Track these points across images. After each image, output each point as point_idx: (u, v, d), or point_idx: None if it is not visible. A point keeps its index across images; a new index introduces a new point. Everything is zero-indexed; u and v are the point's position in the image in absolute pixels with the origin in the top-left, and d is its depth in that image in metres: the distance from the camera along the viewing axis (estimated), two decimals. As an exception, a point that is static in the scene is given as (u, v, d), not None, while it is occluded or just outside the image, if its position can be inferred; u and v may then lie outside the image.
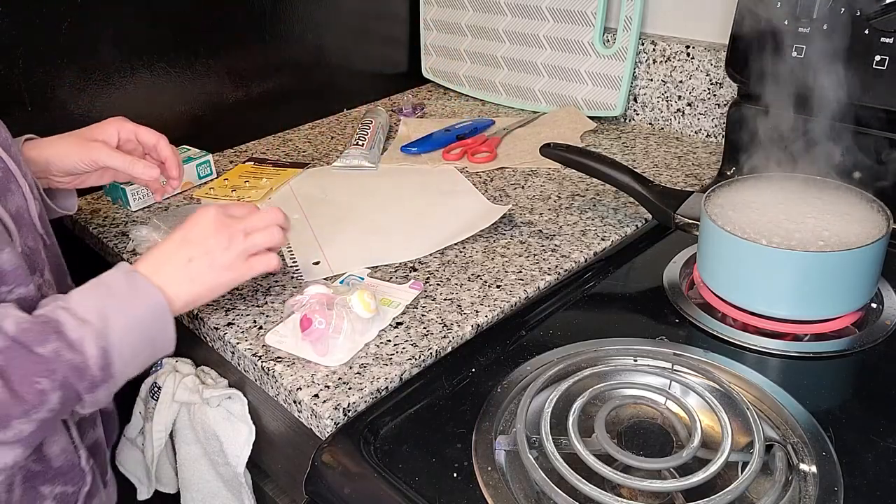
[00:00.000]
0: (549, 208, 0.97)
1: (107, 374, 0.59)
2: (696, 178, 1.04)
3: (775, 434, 0.58)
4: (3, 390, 0.54)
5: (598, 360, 0.65)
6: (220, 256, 0.68)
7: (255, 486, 0.86)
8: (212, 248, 0.68)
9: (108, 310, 0.60)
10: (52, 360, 0.56)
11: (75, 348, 0.58)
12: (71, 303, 0.60)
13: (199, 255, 0.67)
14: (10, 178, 0.66)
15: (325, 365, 0.68)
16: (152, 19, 1.06)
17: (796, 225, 0.69)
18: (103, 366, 0.59)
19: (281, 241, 0.72)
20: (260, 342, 0.72)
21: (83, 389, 0.58)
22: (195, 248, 0.68)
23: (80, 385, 0.58)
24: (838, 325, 0.71)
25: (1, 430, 0.55)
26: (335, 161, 1.11)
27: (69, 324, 0.58)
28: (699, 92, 1.14)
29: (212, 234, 0.68)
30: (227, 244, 0.69)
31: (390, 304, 0.76)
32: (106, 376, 0.59)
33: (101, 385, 0.59)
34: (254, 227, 0.71)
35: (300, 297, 0.73)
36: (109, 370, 0.60)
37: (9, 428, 0.55)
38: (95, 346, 0.58)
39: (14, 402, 0.55)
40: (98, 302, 0.60)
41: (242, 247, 0.69)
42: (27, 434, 0.56)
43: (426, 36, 1.43)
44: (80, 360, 0.58)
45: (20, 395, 0.55)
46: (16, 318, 0.57)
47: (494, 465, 0.56)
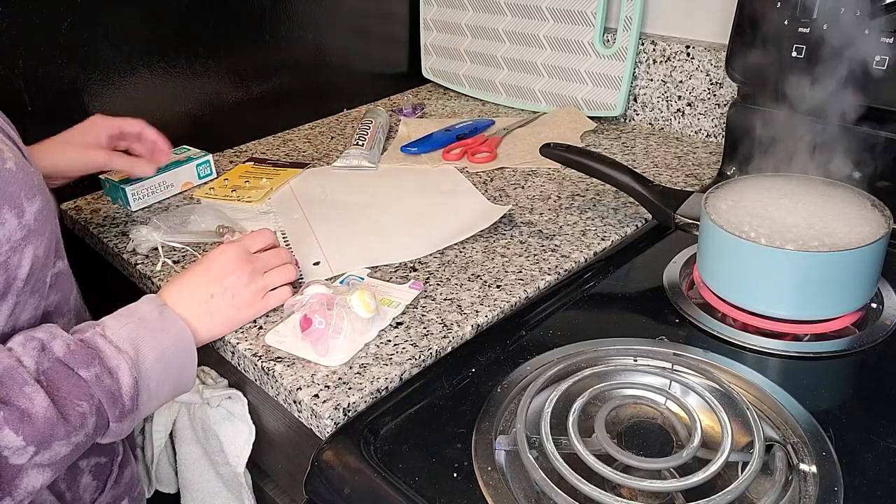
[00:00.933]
0: (549, 208, 0.97)
1: (134, 405, 0.61)
2: (696, 178, 1.04)
3: (775, 434, 0.58)
4: (52, 410, 0.55)
5: (598, 360, 0.65)
6: (239, 294, 0.72)
7: (255, 486, 0.86)
8: (232, 285, 0.71)
9: (140, 341, 0.62)
10: (92, 385, 0.57)
11: (113, 376, 0.59)
12: (108, 331, 0.61)
13: (220, 293, 0.70)
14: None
15: (325, 365, 0.68)
16: (152, 19, 1.06)
17: (797, 224, 0.69)
18: (133, 395, 0.60)
19: (294, 278, 0.77)
20: (260, 342, 0.72)
21: (113, 418, 0.60)
22: (216, 285, 0.70)
23: (112, 413, 0.59)
24: (838, 325, 0.71)
25: (42, 452, 0.55)
26: (335, 161, 1.11)
27: (107, 351, 0.60)
28: (699, 92, 1.14)
29: (232, 272, 0.71)
30: (248, 282, 0.72)
31: (390, 304, 0.76)
32: (133, 406, 0.61)
33: (128, 415, 0.61)
34: (270, 265, 0.75)
35: (300, 297, 0.73)
36: (137, 400, 0.61)
37: (49, 449, 0.55)
38: (129, 376, 0.60)
39: (60, 421, 0.55)
40: (132, 332, 0.62)
41: (262, 283, 0.73)
42: (61, 458, 0.57)
43: (426, 36, 1.43)
44: (116, 387, 0.59)
45: (66, 415, 0.56)
46: (64, 339, 0.58)
47: (494, 465, 0.56)
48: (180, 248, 0.88)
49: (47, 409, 0.54)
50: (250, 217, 0.96)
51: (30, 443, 0.54)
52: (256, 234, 0.78)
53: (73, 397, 0.56)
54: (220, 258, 0.72)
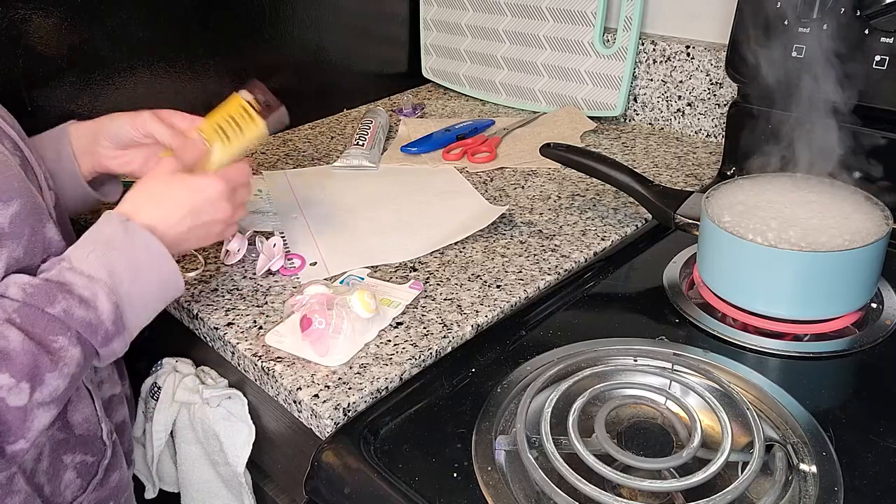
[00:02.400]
0: (549, 208, 0.97)
1: (119, 327, 0.61)
2: (696, 178, 1.04)
3: (775, 434, 0.58)
4: (30, 343, 0.55)
5: (598, 360, 0.65)
6: (214, 229, 0.71)
7: (255, 486, 0.86)
8: (210, 223, 0.70)
9: (112, 263, 0.61)
10: (63, 319, 0.58)
11: (89, 305, 0.59)
12: (75, 262, 0.60)
13: (198, 227, 0.69)
14: (28, 167, 0.67)
15: (325, 365, 0.68)
16: (152, 19, 1.06)
17: (797, 224, 0.69)
18: (115, 319, 0.61)
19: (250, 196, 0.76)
20: (260, 342, 0.72)
21: (98, 343, 0.60)
22: (196, 218, 0.68)
23: (95, 340, 0.59)
24: (838, 325, 0.71)
25: (39, 389, 0.56)
26: (335, 161, 1.11)
27: (79, 282, 0.59)
28: (699, 92, 1.14)
29: (215, 211, 0.70)
30: (225, 220, 0.71)
31: (390, 304, 0.76)
32: (119, 329, 0.61)
33: (115, 337, 0.61)
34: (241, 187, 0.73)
35: (300, 297, 0.73)
36: (122, 322, 0.61)
37: (45, 384, 0.56)
38: (108, 302, 0.60)
39: (42, 353, 0.56)
40: (101, 257, 0.61)
41: (235, 218, 0.73)
42: (62, 392, 0.58)
43: (426, 36, 1.43)
44: (93, 316, 0.59)
45: (47, 349, 0.56)
46: (20, 283, 0.58)
47: (494, 465, 0.56)
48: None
49: (23, 342, 0.55)
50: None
51: (20, 378, 0.54)
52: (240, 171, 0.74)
53: (48, 333, 0.57)
54: (207, 193, 0.69)
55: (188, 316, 0.79)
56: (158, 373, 0.87)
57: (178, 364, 0.87)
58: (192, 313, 0.78)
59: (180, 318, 0.82)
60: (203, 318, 0.77)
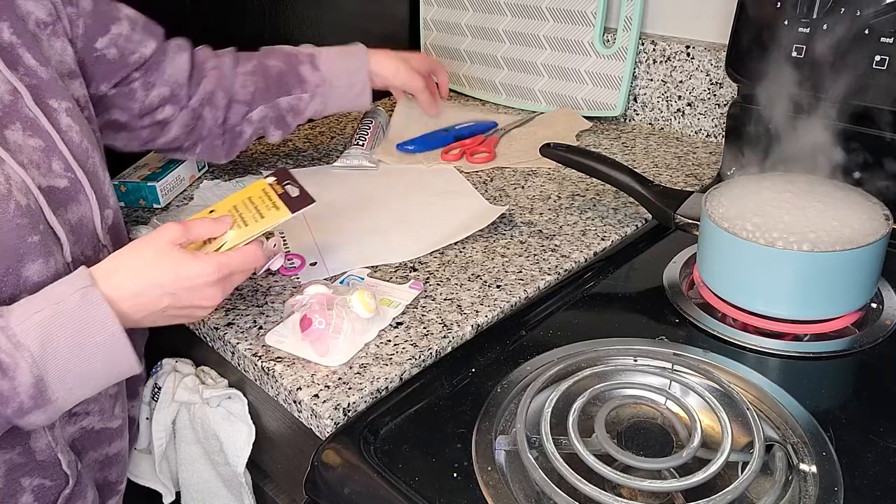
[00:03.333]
0: (549, 208, 0.97)
1: (40, 402, 0.57)
2: (696, 178, 1.04)
3: (775, 434, 0.58)
4: None
5: (598, 360, 0.65)
6: (196, 316, 0.67)
7: (255, 486, 0.86)
8: (196, 308, 0.65)
9: (53, 334, 0.56)
10: None
11: (6, 373, 0.55)
12: (12, 321, 0.56)
13: (179, 308, 0.64)
14: (80, 189, 0.68)
15: (325, 365, 0.68)
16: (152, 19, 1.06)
17: (796, 225, 0.69)
18: (35, 395, 0.56)
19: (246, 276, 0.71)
20: (260, 342, 0.72)
21: (11, 415, 0.56)
22: (180, 301, 0.63)
23: (4, 410, 0.55)
24: (838, 325, 0.71)
25: None
26: (335, 161, 1.11)
27: (3, 346, 0.55)
28: (699, 92, 1.14)
29: (204, 300, 0.65)
30: (215, 303, 0.66)
31: (390, 304, 0.76)
32: (39, 403, 0.57)
33: (31, 411, 0.57)
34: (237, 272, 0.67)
35: (300, 297, 0.73)
36: (44, 396, 0.57)
37: None
38: (29, 375, 0.55)
39: None
40: (42, 322, 0.56)
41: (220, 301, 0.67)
42: None
43: (426, 36, 1.43)
44: (7, 385, 0.55)
45: None
46: None
47: (494, 465, 0.56)
48: None
49: None
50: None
51: None
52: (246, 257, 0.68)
53: None
54: (196, 281, 0.63)
55: (188, 316, 0.79)
56: (158, 373, 0.87)
57: (178, 364, 0.87)
58: (192, 313, 0.78)
59: (180, 318, 0.82)
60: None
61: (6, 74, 0.65)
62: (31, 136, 0.65)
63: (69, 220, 0.67)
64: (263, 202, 0.73)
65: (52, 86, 0.69)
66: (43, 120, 0.66)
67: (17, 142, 0.64)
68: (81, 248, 0.68)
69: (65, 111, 0.69)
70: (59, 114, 0.68)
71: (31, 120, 0.65)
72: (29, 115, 0.65)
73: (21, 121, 0.65)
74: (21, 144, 0.64)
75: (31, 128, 0.65)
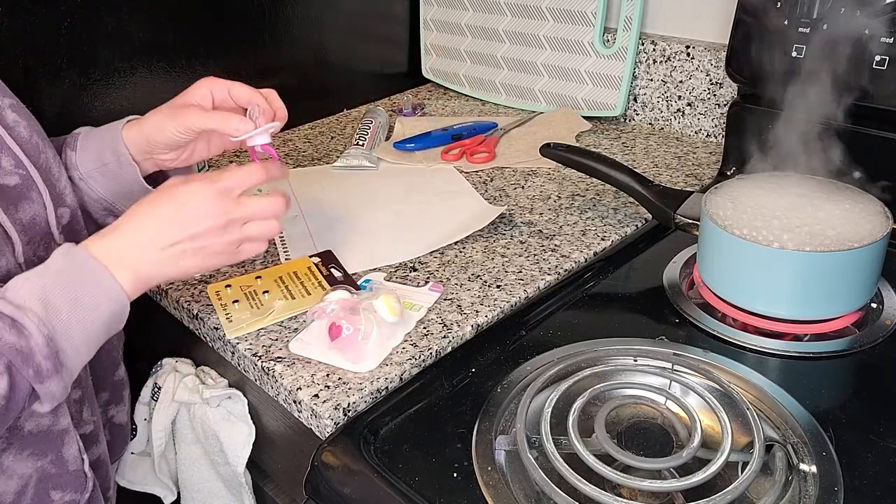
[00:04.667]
0: (549, 208, 0.97)
1: (57, 364, 0.55)
2: (696, 178, 1.04)
3: (775, 434, 0.58)
4: None
5: (598, 360, 0.65)
6: (210, 244, 0.62)
7: (255, 486, 0.86)
8: (203, 234, 0.61)
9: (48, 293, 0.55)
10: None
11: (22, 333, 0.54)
12: (8, 292, 0.55)
13: (187, 240, 0.61)
14: (31, 186, 0.64)
15: (355, 371, 0.68)
16: (152, 19, 1.06)
17: (796, 225, 0.69)
18: (50, 355, 0.55)
19: (276, 232, 0.66)
20: (260, 342, 0.72)
21: (33, 376, 0.54)
22: (183, 231, 0.61)
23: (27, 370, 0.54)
24: (838, 325, 0.71)
25: None
26: (335, 161, 1.11)
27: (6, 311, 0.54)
28: (699, 92, 1.14)
29: (206, 218, 0.61)
30: (222, 232, 0.62)
31: (412, 308, 0.76)
32: (57, 366, 0.55)
33: (51, 376, 0.55)
34: (252, 216, 0.64)
35: (321, 303, 0.71)
36: (58, 358, 0.55)
37: None
38: (40, 335, 0.54)
39: None
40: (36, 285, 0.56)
41: (238, 235, 0.63)
42: None
43: (426, 36, 1.43)
44: (25, 344, 0.54)
45: None
46: None
47: (494, 465, 0.56)
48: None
49: None
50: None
51: None
52: (244, 171, 0.64)
53: None
54: (194, 199, 0.61)
55: (188, 316, 0.79)
56: (158, 373, 0.87)
57: (178, 364, 0.87)
58: (192, 313, 0.78)
59: (180, 318, 0.82)
60: (203, 318, 0.77)
61: None
62: None
63: (20, 218, 0.63)
64: (309, 279, 0.80)
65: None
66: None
67: None
68: (34, 249, 0.64)
69: (9, 107, 0.65)
70: (4, 110, 0.64)
71: None
72: None
73: None
74: None
75: None
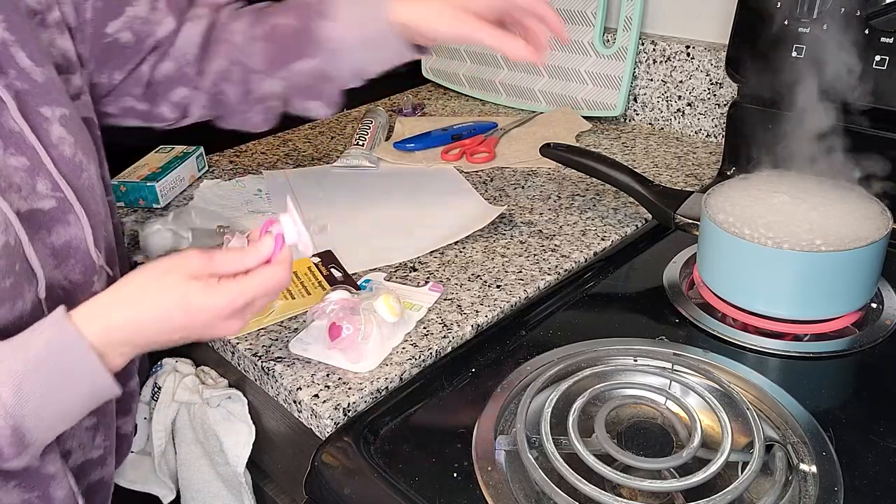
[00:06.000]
0: (549, 208, 0.97)
1: (20, 448, 0.53)
2: (696, 178, 1.04)
3: (775, 434, 0.58)
4: None
5: (598, 360, 0.65)
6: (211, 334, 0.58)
7: (255, 486, 0.86)
8: (205, 331, 0.58)
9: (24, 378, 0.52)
10: None
11: None
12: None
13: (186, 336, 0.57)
14: (68, 209, 0.61)
15: (355, 371, 0.68)
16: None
17: (797, 224, 0.69)
18: (14, 442, 0.52)
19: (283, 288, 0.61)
20: (260, 342, 0.72)
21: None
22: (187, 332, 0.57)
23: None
24: (838, 325, 0.71)
25: None
26: (335, 161, 1.11)
27: None
28: (699, 92, 1.14)
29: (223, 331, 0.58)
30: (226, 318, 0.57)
31: (412, 308, 0.76)
32: (19, 450, 0.53)
33: (13, 458, 0.53)
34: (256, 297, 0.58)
35: (321, 303, 0.71)
36: (23, 443, 0.53)
37: None
38: (5, 425, 0.51)
39: None
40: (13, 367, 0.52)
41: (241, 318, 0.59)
42: None
43: (426, 36, 1.43)
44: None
45: None
46: None
47: (494, 465, 0.56)
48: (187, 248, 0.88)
49: None
50: (244, 216, 0.96)
51: None
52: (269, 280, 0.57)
53: None
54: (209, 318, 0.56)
55: (188, 316, 0.79)
56: (158, 373, 0.87)
57: (178, 364, 0.87)
58: (192, 313, 0.78)
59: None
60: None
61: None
62: (13, 155, 0.58)
63: (52, 243, 0.60)
64: (309, 279, 0.80)
65: (47, 90, 0.62)
66: (29, 134, 0.59)
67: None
68: (66, 273, 0.62)
69: (58, 120, 0.62)
70: (52, 124, 0.61)
71: (15, 135, 0.58)
72: (13, 129, 0.58)
73: (3, 137, 0.58)
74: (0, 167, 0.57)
75: (15, 144, 0.58)
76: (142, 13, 0.72)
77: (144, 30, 0.73)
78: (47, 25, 0.65)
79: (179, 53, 0.76)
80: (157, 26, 0.74)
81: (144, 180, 0.98)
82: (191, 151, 1.07)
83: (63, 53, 0.67)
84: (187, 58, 0.77)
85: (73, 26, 0.68)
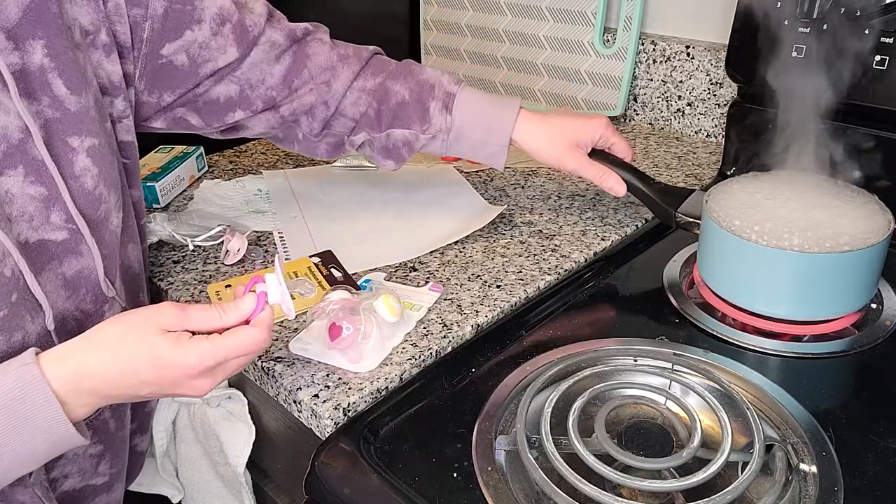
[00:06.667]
0: (549, 208, 0.97)
1: None
2: (696, 178, 1.04)
3: (775, 434, 0.58)
4: None
5: (598, 360, 0.65)
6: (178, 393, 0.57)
7: (255, 486, 0.86)
8: (182, 394, 0.57)
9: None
10: None
11: None
12: None
13: (156, 392, 0.56)
14: (80, 240, 0.61)
15: (355, 371, 0.68)
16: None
17: (797, 225, 0.69)
18: None
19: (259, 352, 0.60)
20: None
21: None
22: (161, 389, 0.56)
23: None
24: (838, 325, 0.71)
25: None
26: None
27: None
28: (699, 92, 1.14)
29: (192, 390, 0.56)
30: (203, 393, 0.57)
31: (412, 308, 0.76)
32: None
33: None
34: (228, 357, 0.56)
35: (321, 303, 0.71)
36: None
37: None
38: None
39: None
40: None
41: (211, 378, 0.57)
42: None
43: (426, 36, 1.43)
44: None
45: None
46: None
47: (494, 465, 0.56)
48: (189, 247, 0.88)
49: None
50: (244, 216, 0.96)
51: None
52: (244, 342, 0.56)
53: None
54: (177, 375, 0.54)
55: (188, 316, 0.79)
56: (158, 373, 0.87)
57: (178, 364, 0.87)
58: (192, 313, 0.78)
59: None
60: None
61: (20, 108, 0.56)
62: (32, 184, 0.57)
63: (64, 273, 0.60)
64: (309, 280, 0.79)
65: (79, 119, 0.60)
66: (50, 164, 0.58)
67: (12, 191, 0.56)
68: (78, 303, 0.61)
69: (86, 151, 0.61)
70: (78, 154, 0.60)
71: (36, 164, 0.57)
72: (36, 158, 0.57)
73: (25, 164, 0.57)
74: (15, 194, 0.56)
75: (35, 173, 0.57)
76: (201, 38, 0.71)
77: (203, 55, 0.71)
78: (96, 46, 0.64)
79: (244, 79, 0.75)
80: (219, 53, 0.72)
81: (144, 180, 0.99)
82: (191, 151, 1.07)
83: (109, 76, 0.66)
84: (258, 87, 0.76)
85: (126, 46, 0.67)
